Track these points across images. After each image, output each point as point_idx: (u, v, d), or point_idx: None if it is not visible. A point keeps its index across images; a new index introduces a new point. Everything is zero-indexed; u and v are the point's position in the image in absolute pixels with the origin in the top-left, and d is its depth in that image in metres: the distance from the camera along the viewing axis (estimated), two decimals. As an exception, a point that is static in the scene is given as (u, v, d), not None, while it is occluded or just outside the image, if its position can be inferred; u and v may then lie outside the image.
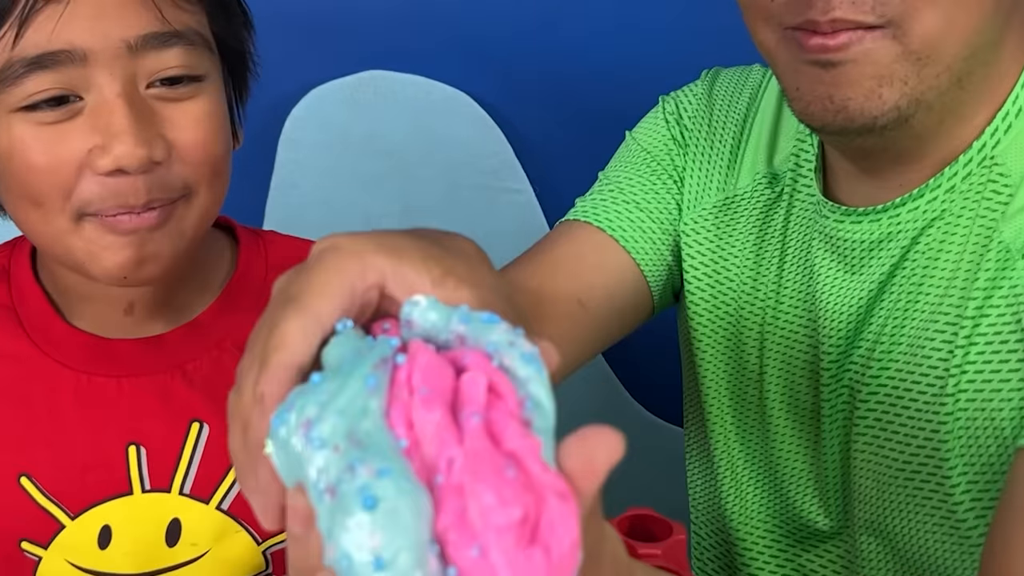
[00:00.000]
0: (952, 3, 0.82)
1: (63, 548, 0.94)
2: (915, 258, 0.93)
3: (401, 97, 1.72)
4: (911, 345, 0.92)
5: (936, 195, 0.91)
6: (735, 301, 1.08)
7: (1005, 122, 0.90)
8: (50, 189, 0.85)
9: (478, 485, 0.42)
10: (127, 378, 0.96)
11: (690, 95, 1.15)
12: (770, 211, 1.06)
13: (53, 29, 0.82)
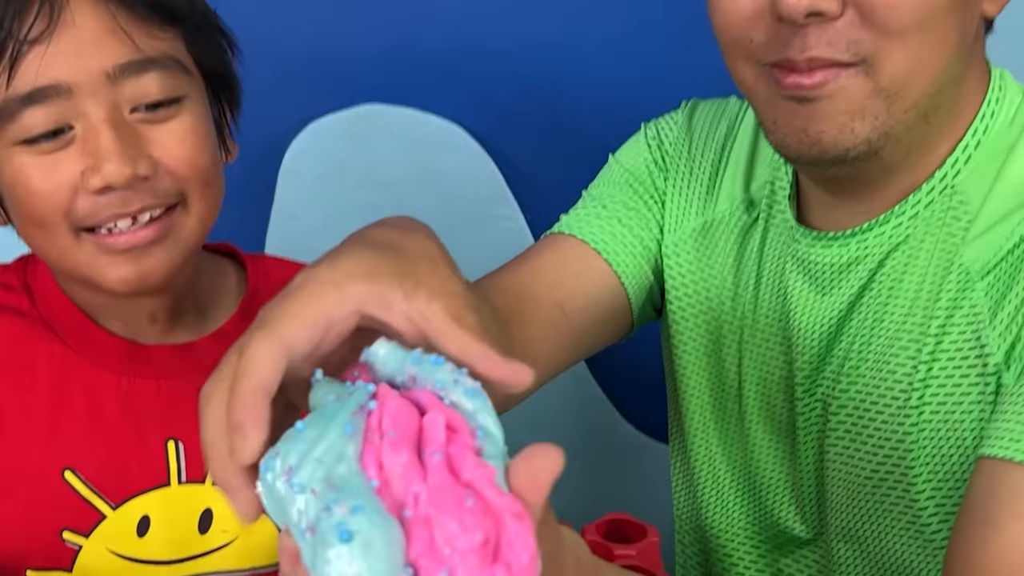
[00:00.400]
0: (921, 44, 0.87)
1: (104, 537, 0.99)
2: (881, 280, 0.98)
3: (397, 130, 1.77)
4: (877, 361, 0.97)
5: (901, 221, 0.96)
6: (715, 320, 1.13)
7: (965, 153, 0.95)
8: (50, 211, 0.92)
9: (442, 516, 0.48)
10: (165, 380, 1.03)
11: (671, 123, 1.20)
12: (747, 235, 1.10)
13: (39, 68, 0.89)
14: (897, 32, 0.86)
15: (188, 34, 0.99)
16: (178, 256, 0.96)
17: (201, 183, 0.97)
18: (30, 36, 0.89)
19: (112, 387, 1.02)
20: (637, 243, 1.14)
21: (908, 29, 0.86)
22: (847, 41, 0.86)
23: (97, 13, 0.92)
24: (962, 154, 0.95)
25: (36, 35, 0.89)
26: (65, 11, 0.91)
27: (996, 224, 0.93)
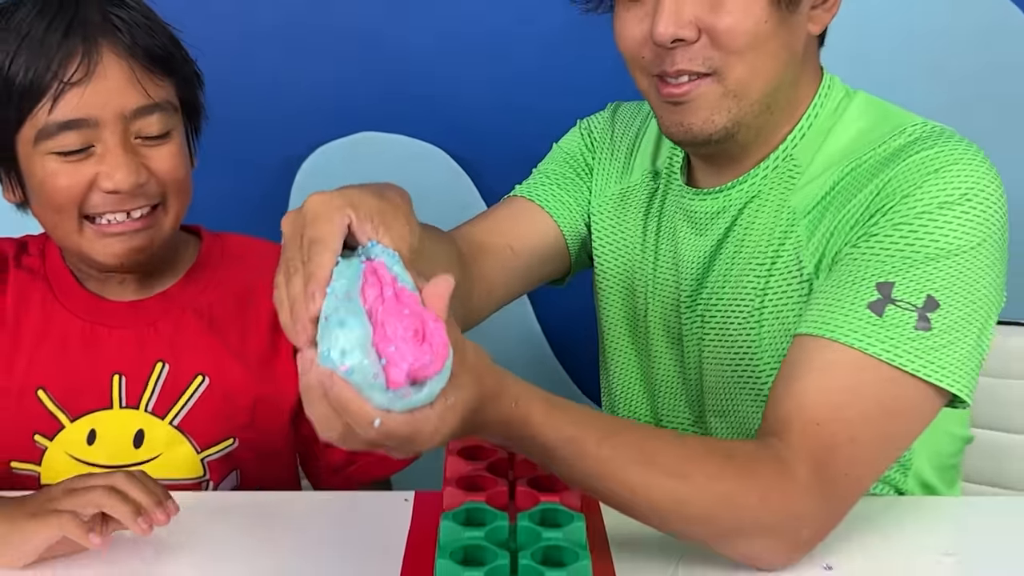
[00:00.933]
0: (755, 58, 1.12)
1: (62, 443, 1.26)
2: (740, 223, 1.23)
3: (389, 152, 2.01)
4: (737, 283, 1.23)
5: (754, 181, 1.22)
6: (628, 262, 1.37)
7: (800, 132, 1.21)
8: (68, 202, 1.20)
9: (390, 319, 0.76)
10: (116, 328, 1.29)
11: (599, 117, 1.46)
12: (652, 197, 1.35)
13: (76, 104, 1.17)
14: (736, 51, 1.11)
15: (178, 81, 1.26)
16: (155, 242, 1.24)
17: (178, 190, 1.24)
18: (72, 80, 1.16)
19: (78, 330, 1.28)
20: (572, 202, 1.39)
21: (743, 48, 1.11)
22: (703, 58, 1.12)
23: (121, 67, 1.19)
24: (798, 133, 1.21)
25: (76, 80, 1.16)
26: (99, 64, 1.17)
27: (816, 178, 1.18)
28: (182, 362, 1.30)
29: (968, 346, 1.05)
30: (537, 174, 1.45)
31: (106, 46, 1.18)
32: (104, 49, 1.18)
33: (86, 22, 1.18)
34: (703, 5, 1.11)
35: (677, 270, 1.30)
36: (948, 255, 1.06)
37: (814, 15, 1.17)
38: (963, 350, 1.05)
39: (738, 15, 1.10)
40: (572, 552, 0.85)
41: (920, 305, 1.04)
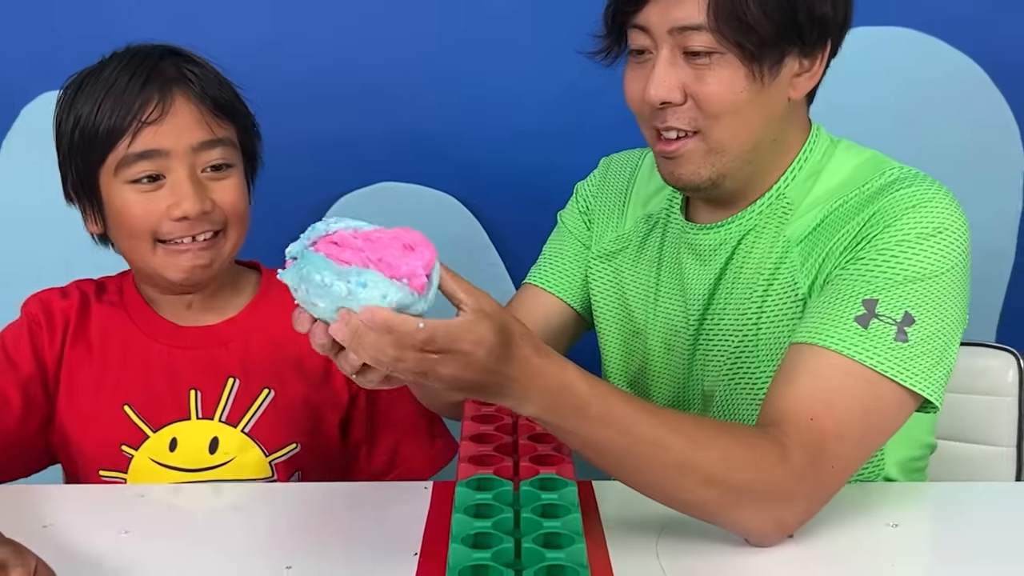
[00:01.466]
0: (732, 123, 1.26)
1: (147, 450, 1.41)
2: (738, 253, 1.36)
3: (407, 201, 2.16)
4: (738, 304, 1.35)
5: (751, 216, 1.35)
6: (626, 299, 1.48)
7: (792, 175, 1.35)
8: (142, 227, 1.37)
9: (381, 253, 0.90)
10: (191, 350, 1.46)
11: (591, 179, 1.60)
12: (646, 240, 1.48)
13: (151, 139, 1.35)
14: (715, 115, 1.25)
15: (238, 126, 1.44)
16: (216, 263, 1.40)
17: (238, 220, 1.41)
18: (148, 119, 1.34)
19: (158, 353, 1.45)
20: (577, 273, 1.53)
21: (722, 113, 1.25)
22: (688, 118, 1.26)
23: (190, 108, 1.37)
24: (790, 175, 1.35)
25: (152, 119, 1.34)
26: (172, 106, 1.35)
27: (808, 212, 1.32)
28: (250, 377, 1.45)
29: (937, 357, 1.18)
30: (544, 255, 1.59)
31: (178, 92, 1.36)
32: (176, 95, 1.36)
33: (162, 74, 1.37)
34: (690, 74, 1.25)
35: (684, 298, 1.42)
36: (924, 278, 1.19)
37: (796, 82, 1.29)
38: (933, 360, 1.17)
39: (717, 86, 1.24)
40: (569, 537, 0.93)
41: (899, 320, 1.16)
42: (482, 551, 0.91)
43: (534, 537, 0.93)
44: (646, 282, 1.48)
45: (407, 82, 2.12)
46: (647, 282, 1.48)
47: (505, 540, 0.92)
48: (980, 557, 1.14)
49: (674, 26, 1.24)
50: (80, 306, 1.47)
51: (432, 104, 2.12)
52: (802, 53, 1.27)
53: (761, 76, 1.24)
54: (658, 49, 1.26)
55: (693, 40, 1.23)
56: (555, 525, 0.94)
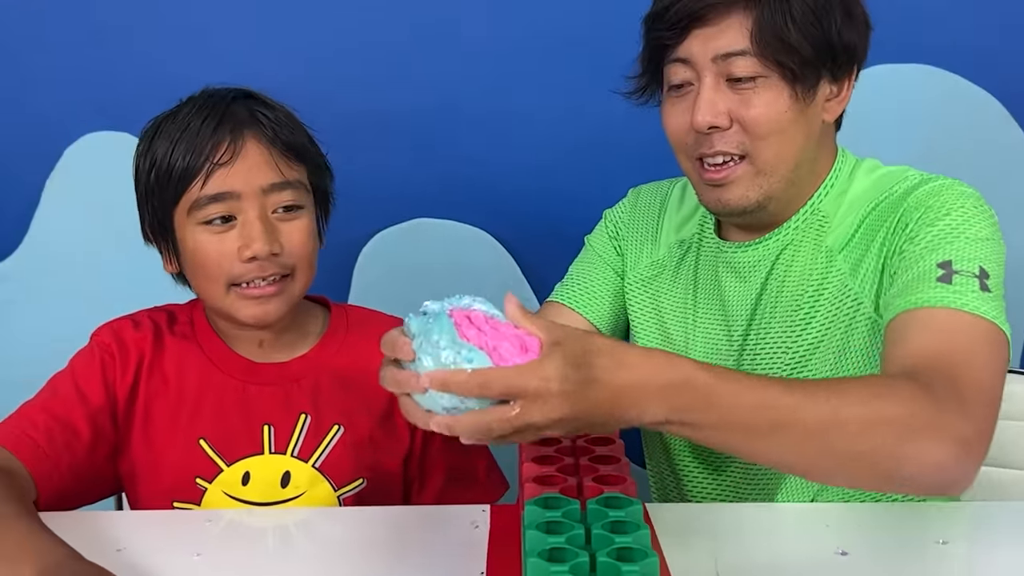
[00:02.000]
0: (778, 143, 1.33)
1: (221, 484, 1.44)
2: (778, 267, 1.42)
3: (441, 236, 2.21)
4: (785, 318, 1.41)
5: (787, 233, 1.42)
6: (665, 322, 1.54)
7: (825, 191, 1.42)
8: (215, 268, 1.40)
9: (500, 343, 0.92)
10: (266, 386, 1.49)
11: (621, 207, 1.65)
12: (681, 262, 1.54)
13: (223, 180, 1.37)
14: (762, 136, 1.32)
15: (309, 167, 1.46)
16: (286, 306, 1.43)
17: (306, 263, 1.44)
18: (220, 161, 1.36)
19: (232, 388, 1.47)
20: (603, 294, 1.58)
21: (768, 134, 1.32)
22: (736, 142, 1.33)
23: (260, 150, 1.39)
24: (823, 191, 1.42)
25: (224, 161, 1.36)
26: (242, 148, 1.37)
27: (844, 220, 1.39)
28: (321, 414, 1.48)
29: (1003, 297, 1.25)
30: (570, 275, 1.62)
31: (249, 135, 1.39)
32: (247, 137, 1.38)
33: (234, 117, 1.40)
34: (734, 100, 1.32)
35: (725, 316, 1.47)
36: (982, 239, 1.27)
37: (828, 106, 1.37)
38: (1001, 300, 1.24)
39: (763, 108, 1.31)
40: (641, 552, 0.94)
41: (977, 273, 1.23)
42: (560, 564, 0.93)
43: (608, 552, 0.95)
44: (683, 304, 1.52)
45: (440, 121, 2.17)
46: (684, 304, 1.52)
47: (580, 554, 0.93)
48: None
49: (717, 54, 1.30)
50: (154, 338, 1.49)
51: (465, 142, 2.17)
52: (832, 78, 1.35)
53: (803, 96, 1.31)
54: (701, 79, 1.32)
55: (737, 66, 1.30)
56: (627, 540, 0.95)
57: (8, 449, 1.34)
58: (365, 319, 1.59)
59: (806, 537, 1.26)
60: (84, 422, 1.42)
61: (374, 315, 1.61)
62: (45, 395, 1.44)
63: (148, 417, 1.47)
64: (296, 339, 1.52)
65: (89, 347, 1.49)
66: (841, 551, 1.19)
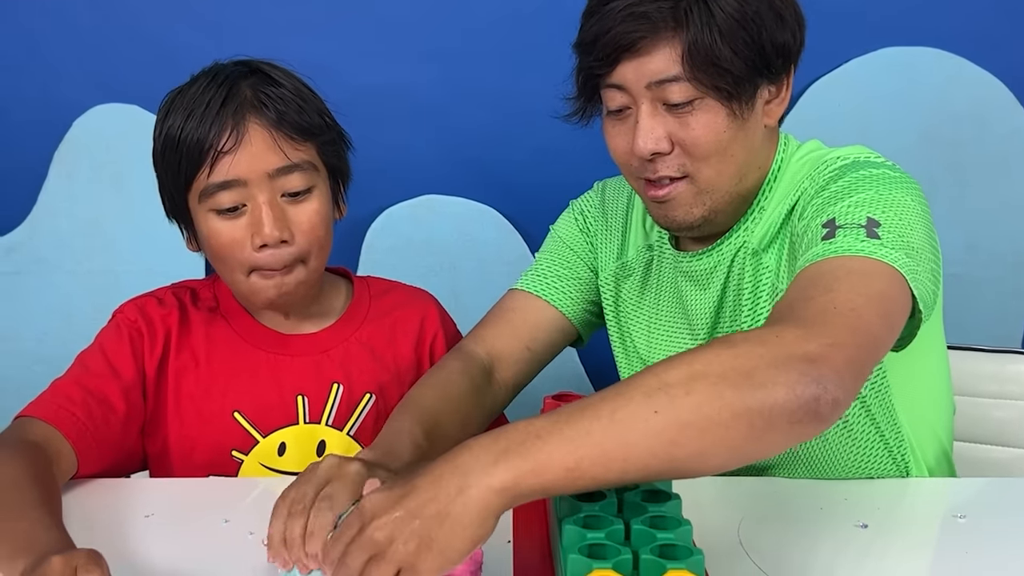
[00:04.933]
0: (718, 162, 1.29)
1: (257, 455, 1.44)
2: (734, 271, 1.39)
3: (448, 213, 2.24)
4: (745, 323, 1.37)
5: (738, 235, 1.38)
6: (630, 326, 1.53)
7: (768, 188, 1.38)
8: (230, 254, 1.38)
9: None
10: (296, 357, 1.49)
11: (588, 200, 1.60)
12: (649, 266, 1.50)
13: (228, 168, 1.33)
14: (701, 157, 1.29)
15: (321, 144, 1.41)
16: (304, 288, 1.42)
17: (318, 245, 1.41)
18: (224, 148, 1.32)
19: (264, 361, 1.47)
20: (574, 286, 1.54)
21: (709, 155, 1.29)
22: (677, 165, 1.30)
23: (263, 135, 1.34)
24: (765, 189, 1.38)
25: (228, 148, 1.32)
26: (245, 134, 1.33)
27: (769, 218, 1.35)
28: (353, 383, 1.49)
29: (913, 251, 1.15)
30: (538, 265, 1.57)
31: (252, 119, 1.34)
32: (250, 121, 1.34)
33: (237, 98, 1.35)
34: (673, 123, 1.28)
35: (689, 323, 1.45)
36: (873, 195, 1.21)
37: (768, 109, 1.32)
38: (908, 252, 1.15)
39: (701, 130, 1.27)
40: (675, 520, 0.92)
41: (863, 223, 1.16)
42: (595, 531, 0.91)
43: (642, 519, 0.94)
44: (648, 311, 1.51)
45: (451, 100, 2.20)
46: (649, 311, 1.51)
47: (623, 551, 0.89)
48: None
49: (651, 80, 1.26)
50: (180, 314, 1.49)
51: (475, 121, 2.20)
52: (770, 81, 1.31)
53: (741, 112, 1.28)
54: (638, 104, 1.29)
55: (672, 92, 1.26)
56: (669, 537, 0.92)
57: (51, 424, 1.33)
58: (387, 289, 1.60)
59: (826, 509, 1.28)
60: (118, 396, 1.42)
61: (395, 285, 1.62)
62: (77, 371, 1.43)
63: (179, 393, 1.46)
64: (322, 311, 1.53)
65: (115, 323, 1.48)
66: (862, 524, 1.22)
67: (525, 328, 1.51)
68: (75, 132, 2.21)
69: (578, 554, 0.88)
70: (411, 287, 1.65)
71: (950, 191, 2.22)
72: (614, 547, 0.90)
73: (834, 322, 1.01)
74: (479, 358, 1.46)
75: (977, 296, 2.25)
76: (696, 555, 0.89)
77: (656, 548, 0.90)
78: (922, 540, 1.24)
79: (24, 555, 1.04)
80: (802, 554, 1.17)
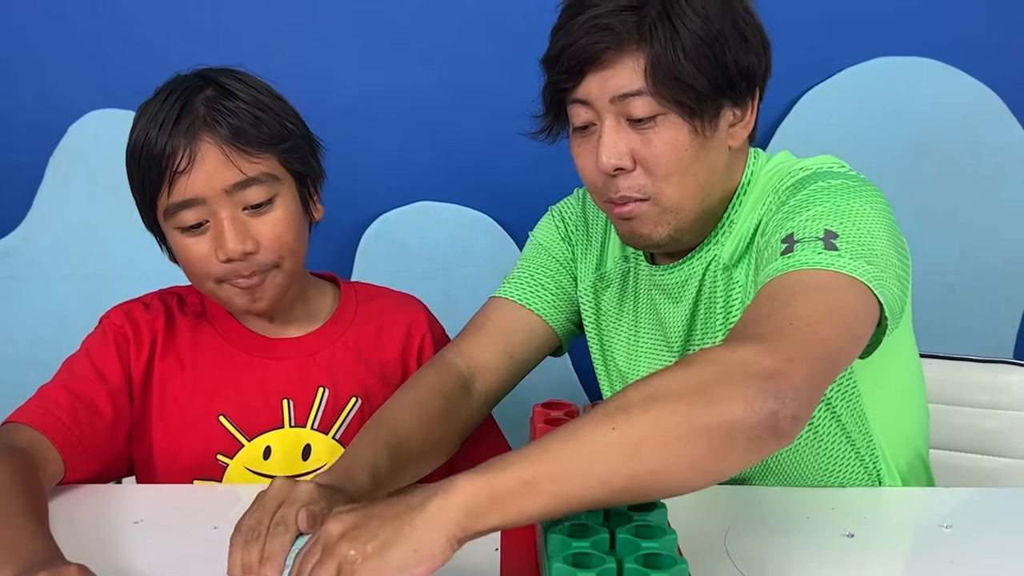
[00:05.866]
0: (679, 182, 1.28)
1: (242, 459, 1.43)
2: (705, 284, 1.38)
3: (443, 219, 2.23)
4: (718, 336, 1.36)
5: (709, 248, 1.37)
6: (610, 338, 1.52)
7: (737, 201, 1.36)
8: (199, 268, 1.37)
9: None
10: (282, 360, 1.48)
11: (569, 206, 1.58)
12: (626, 280, 1.49)
13: (185, 188, 1.32)
14: (663, 176, 1.28)
15: (282, 152, 1.37)
16: (277, 293, 1.41)
17: (288, 252, 1.39)
18: (179, 168, 1.31)
19: (249, 364, 1.46)
20: (555, 294, 1.52)
21: (669, 174, 1.28)
22: (638, 186, 1.29)
23: (215, 153, 1.32)
24: (736, 202, 1.37)
25: (183, 168, 1.31)
26: (197, 154, 1.31)
27: (738, 233, 1.34)
28: (339, 386, 1.48)
29: (874, 257, 1.15)
30: (519, 272, 1.55)
31: (204, 137, 1.33)
32: (202, 139, 1.32)
33: (191, 115, 1.33)
34: (636, 140, 1.27)
35: (665, 336, 1.44)
36: (830, 206, 1.20)
37: (732, 132, 1.32)
38: (868, 258, 1.15)
39: (663, 146, 1.26)
40: (660, 529, 0.93)
41: (821, 236, 1.15)
42: (580, 540, 0.92)
43: (627, 528, 0.95)
44: (627, 324, 1.50)
45: (447, 105, 2.19)
46: (627, 324, 1.50)
47: (607, 560, 0.90)
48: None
49: (615, 95, 1.26)
50: (166, 319, 1.48)
51: (470, 127, 2.19)
52: (734, 103, 1.31)
53: (703, 129, 1.27)
54: (602, 119, 1.29)
55: (635, 106, 1.26)
56: (653, 546, 0.92)
57: (37, 429, 1.32)
58: (375, 294, 1.59)
59: (813, 518, 1.27)
60: (105, 401, 1.41)
61: (382, 290, 1.61)
62: (63, 376, 1.42)
63: (164, 398, 1.45)
64: (307, 315, 1.53)
65: (101, 329, 1.48)
66: (848, 533, 1.21)
67: (507, 337, 1.50)
68: (71, 137, 2.20)
69: (562, 562, 0.88)
70: (399, 292, 1.64)
71: (944, 202, 2.20)
72: (598, 556, 0.90)
73: (791, 338, 1.01)
74: (458, 370, 1.44)
75: (970, 306, 2.23)
76: (680, 564, 0.89)
77: (640, 557, 0.90)
78: (908, 549, 1.23)
79: (9, 564, 1.02)
80: (788, 563, 1.16)
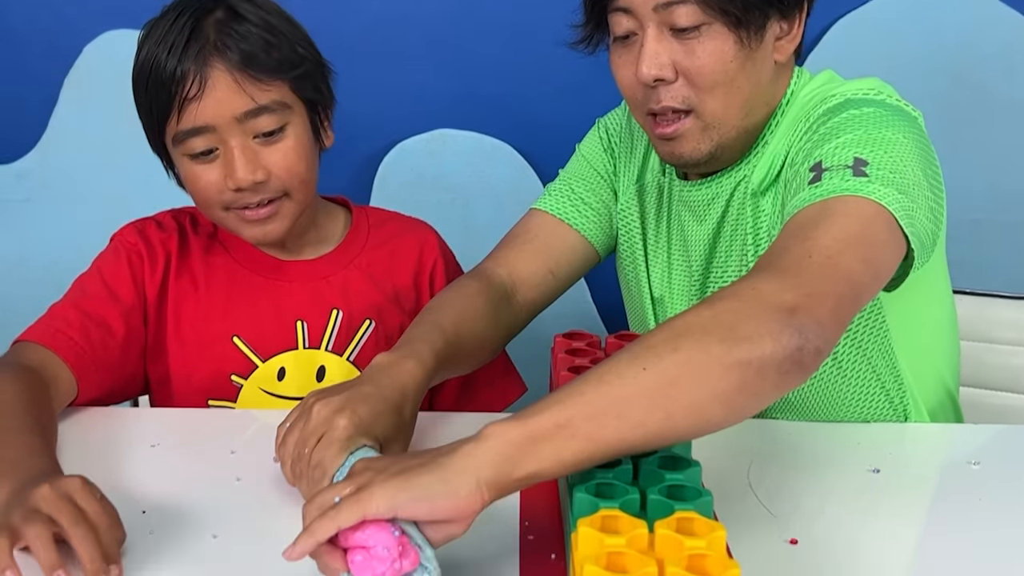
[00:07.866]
0: (724, 94, 1.24)
1: (256, 380, 1.41)
2: (732, 206, 1.34)
3: (462, 148, 2.19)
4: (738, 261, 1.34)
5: (740, 168, 1.33)
6: (639, 249, 1.49)
7: (775, 120, 1.32)
8: (208, 195, 1.33)
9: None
10: (295, 283, 1.45)
11: (614, 117, 1.54)
12: (661, 192, 1.46)
13: (195, 114, 1.28)
14: (707, 89, 1.24)
15: (294, 79, 1.34)
16: (287, 223, 1.37)
17: (299, 182, 1.35)
18: (188, 95, 1.27)
19: (263, 286, 1.44)
20: (598, 209, 1.49)
21: (714, 86, 1.24)
22: (682, 96, 1.25)
23: (227, 80, 1.28)
24: (772, 122, 1.32)
25: (193, 95, 1.27)
26: (208, 79, 1.27)
27: (771, 149, 1.31)
28: (353, 309, 1.45)
29: (905, 188, 1.11)
30: (561, 184, 1.52)
31: (215, 62, 1.28)
32: (213, 65, 1.28)
33: (201, 38, 1.29)
34: (679, 50, 1.23)
35: (687, 254, 1.41)
36: (861, 133, 1.16)
37: (779, 46, 1.28)
38: (900, 189, 1.10)
39: (707, 58, 1.23)
40: (695, 490, 0.88)
41: (850, 164, 1.11)
42: (604, 470, 0.91)
43: (649, 462, 0.93)
44: (660, 236, 1.47)
45: (467, 32, 2.15)
46: (661, 236, 1.47)
47: (631, 491, 0.87)
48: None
49: (659, 3, 1.22)
50: (179, 239, 1.45)
51: (491, 54, 2.14)
52: (782, 16, 1.27)
53: (748, 41, 1.23)
54: (644, 29, 1.24)
55: (679, 15, 1.22)
56: (678, 478, 0.90)
57: (48, 348, 1.29)
58: (386, 219, 1.56)
59: (837, 454, 1.24)
60: (118, 320, 1.39)
61: (394, 215, 1.58)
62: (75, 295, 1.39)
63: (179, 318, 1.43)
64: (319, 238, 1.50)
65: (114, 246, 1.45)
66: (874, 468, 1.18)
67: (549, 252, 1.47)
68: (86, 58, 2.15)
69: (585, 492, 0.86)
70: (410, 217, 1.59)
71: (976, 133, 2.13)
72: (622, 486, 0.87)
73: (809, 271, 0.99)
74: (500, 280, 1.41)
75: (997, 241, 2.18)
76: (705, 496, 0.86)
77: (664, 488, 0.88)
78: (935, 486, 1.19)
79: (7, 479, 1.00)
80: (812, 498, 1.13)
